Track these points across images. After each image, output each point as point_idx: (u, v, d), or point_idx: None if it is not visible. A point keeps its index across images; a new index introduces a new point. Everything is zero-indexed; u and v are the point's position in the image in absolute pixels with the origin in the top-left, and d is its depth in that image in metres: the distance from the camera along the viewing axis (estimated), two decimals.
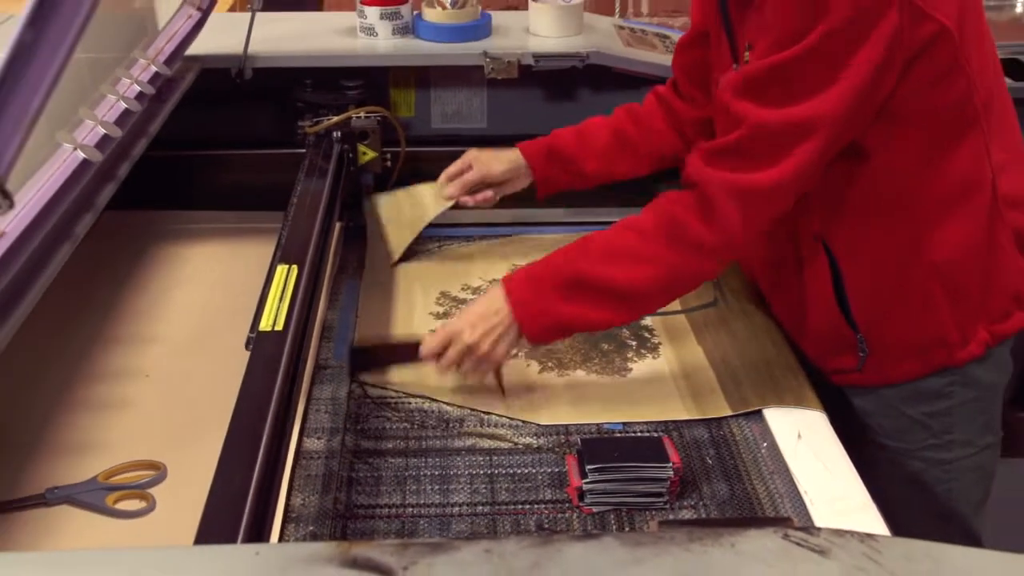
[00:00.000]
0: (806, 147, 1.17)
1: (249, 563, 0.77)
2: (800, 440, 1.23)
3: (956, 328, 1.33)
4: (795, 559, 0.79)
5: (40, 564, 0.81)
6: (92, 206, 1.31)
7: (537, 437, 1.25)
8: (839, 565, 0.79)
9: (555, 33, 1.80)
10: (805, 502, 1.13)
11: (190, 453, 1.18)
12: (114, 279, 1.61)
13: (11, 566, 0.81)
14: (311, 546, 0.79)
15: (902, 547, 0.83)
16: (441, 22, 1.78)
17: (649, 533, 0.81)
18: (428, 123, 1.85)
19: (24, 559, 0.86)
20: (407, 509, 1.13)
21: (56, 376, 1.36)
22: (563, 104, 1.84)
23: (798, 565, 0.78)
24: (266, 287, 1.27)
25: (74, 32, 0.72)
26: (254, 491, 0.94)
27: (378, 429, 1.26)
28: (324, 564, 0.75)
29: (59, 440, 1.24)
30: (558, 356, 1.41)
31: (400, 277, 1.62)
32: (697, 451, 1.23)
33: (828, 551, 0.80)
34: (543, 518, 1.12)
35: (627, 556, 0.77)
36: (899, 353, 1.35)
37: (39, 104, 0.73)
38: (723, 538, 0.80)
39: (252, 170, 1.79)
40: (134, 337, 1.46)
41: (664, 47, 1.83)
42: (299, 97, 1.76)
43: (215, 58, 1.74)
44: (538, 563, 0.75)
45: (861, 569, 0.78)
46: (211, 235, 1.74)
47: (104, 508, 1.13)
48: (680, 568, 0.76)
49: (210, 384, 1.28)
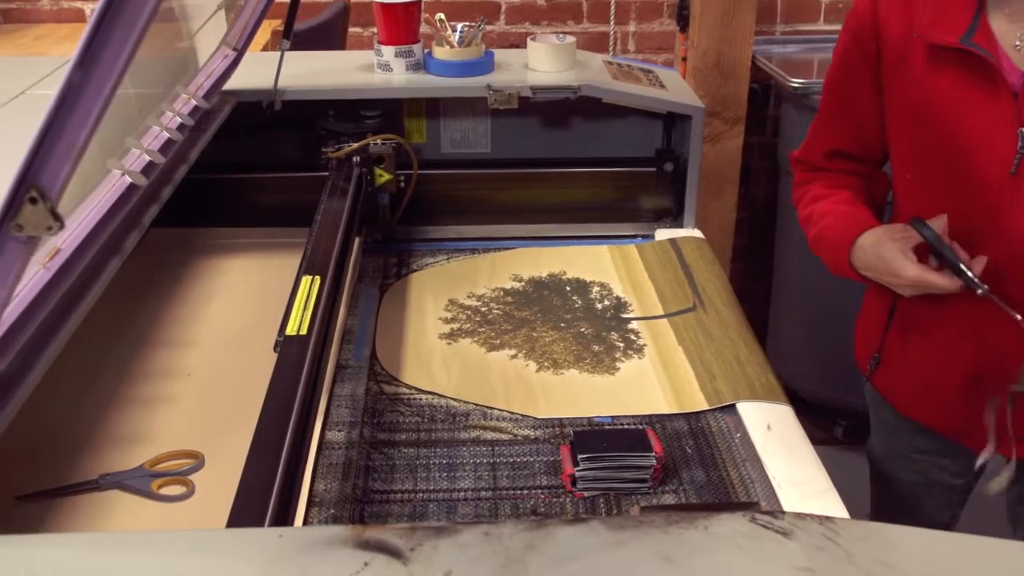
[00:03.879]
0: None
1: (273, 544, 0.76)
2: (769, 431, 1.23)
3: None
4: (761, 540, 0.79)
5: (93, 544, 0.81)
6: (138, 224, 1.31)
7: (534, 429, 1.25)
8: (801, 545, 0.78)
9: (551, 68, 1.80)
10: (773, 487, 1.13)
11: (225, 443, 1.18)
12: (158, 289, 1.61)
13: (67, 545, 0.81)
14: (328, 529, 0.79)
15: (858, 528, 0.82)
16: (449, 59, 1.78)
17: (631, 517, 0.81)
18: (438, 148, 1.85)
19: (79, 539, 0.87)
20: (418, 494, 1.13)
21: (107, 375, 1.37)
22: (558, 131, 1.84)
23: (764, 545, 0.78)
24: (292, 296, 1.27)
25: (116, 74, 0.72)
26: (280, 478, 0.94)
27: (392, 422, 1.26)
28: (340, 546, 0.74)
29: (110, 432, 1.25)
30: (553, 357, 1.41)
31: (413, 286, 1.62)
32: (677, 441, 1.23)
33: (791, 533, 0.79)
34: (539, 502, 1.12)
35: (611, 538, 0.77)
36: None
37: (86, 137, 0.73)
38: (697, 521, 0.79)
39: (281, 191, 1.80)
40: (176, 340, 1.47)
41: (648, 80, 1.83)
42: (323, 126, 1.76)
43: (249, 92, 1.74)
44: (532, 545, 0.75)
45: (820, 549, 0.78)
46: (244, 249, 1.74)
47: (149, 493, 1.13)
48: (658, 549, 0.76)
49: (243, 382, 1.28)
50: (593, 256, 1.72)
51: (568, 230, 1.82)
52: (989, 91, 1.17)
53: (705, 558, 0.76)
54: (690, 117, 1.75)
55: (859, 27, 1.30)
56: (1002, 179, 1.18)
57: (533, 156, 1.84)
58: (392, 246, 1.77)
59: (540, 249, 1.75)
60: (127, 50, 0.72)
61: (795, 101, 2.58)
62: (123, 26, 0.72)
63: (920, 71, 1.23)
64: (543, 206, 1.84)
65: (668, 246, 1.73)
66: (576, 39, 1.83)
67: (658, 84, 1.82)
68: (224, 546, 0.78)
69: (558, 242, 1.77)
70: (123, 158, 1.30)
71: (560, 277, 1.65)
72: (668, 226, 1.82)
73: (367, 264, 1.68)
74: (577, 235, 1.79)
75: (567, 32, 2.78)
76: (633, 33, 3.06)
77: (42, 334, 1.03)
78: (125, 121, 1.31)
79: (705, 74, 2.66)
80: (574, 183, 1.84)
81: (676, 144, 1.82)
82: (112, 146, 1.27)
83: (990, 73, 1.16)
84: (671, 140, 1.82)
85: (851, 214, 1.33)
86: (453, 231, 1.81)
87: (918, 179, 1.29)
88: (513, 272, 1.66)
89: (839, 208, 1.35)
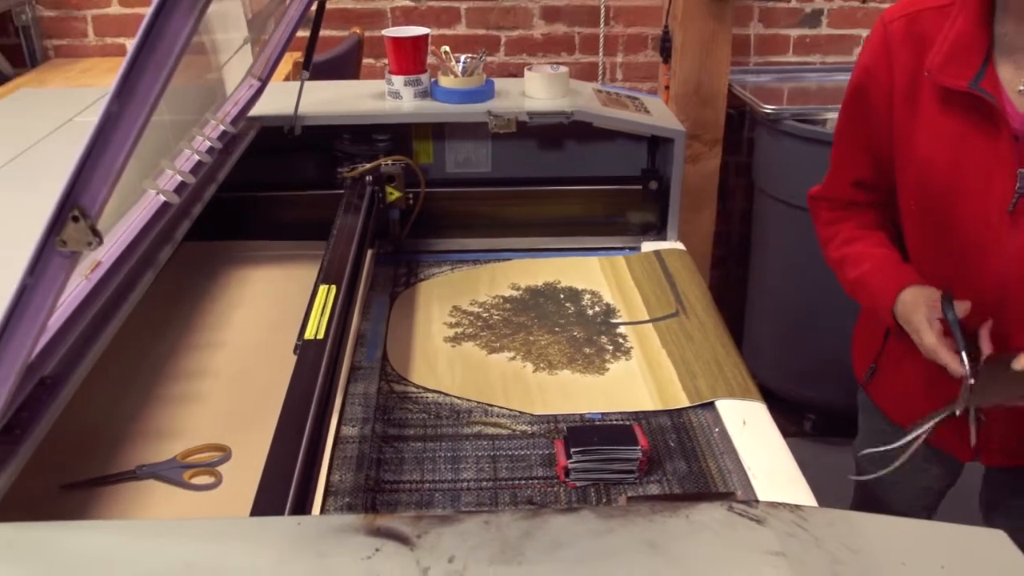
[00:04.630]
0: None
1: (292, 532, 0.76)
2: (745, 426, 1.22)
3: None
4: (737, 527, 0.78)
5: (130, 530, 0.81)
6: (171, 239, 1.31)
7: (531, 425, 1.25)
8: (774, 532, 0.78)
9: (546, 96, 1.80)
10: (749, 477, 1.12)
11: (250, 437, 1.18)
12: (189, 297, 1.60)
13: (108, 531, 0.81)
14: (343, 518, 0.78)
15: (824, 515, 0.82)
16: (453, 87, 1.78)
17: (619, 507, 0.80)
18: (443, 168, 1.84)
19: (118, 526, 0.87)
20: (425, 484, 1.13)
21: (144, 375, 1.36)
22: (553, 152, 1.84)
23: (740, 532, 0.78)
24: (310, 303, 1.26)
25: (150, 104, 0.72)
26: (300, 469, 0.94)
27: (402, 419, 1.26)
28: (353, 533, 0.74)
29: (146, 426, 1.24)
30: (548, 358, 1.41)
31: (420, 294, 1.62)
32: (661, 436, 1.23)
33: (764, 520, 0.79)
34: (535, 492, 1.12)
35: (601, 526, 0.76)
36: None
37: (123, 161, 0.73)
38: (679, 510, 0.79)
39: (300, 208, 1.79)
40: (205, 344, 1.46)
41: (634, 107, 1.83)
42: (339, 148, 1.76)
43: (272, 118, 1.74)
44: (528, 532, 0.75)
45: (791, 535, 0.78)
46: (266, 261, 1.74)
47: (181, 482, 1.13)
48: (643, 536, 0.75)
49: (266, 382, 1.28)
50: (584, 266, 1.72)
51: (562, 243, 1.81)
52: (992, 133, 1.16)
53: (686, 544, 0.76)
54: (672, 140, 1.75)
55: (873, 64, 1.27)
56: (1000, 216, 1.18)
57: (530, 175, 1.84)
58: (401, 257, 1.76)
59: (536, 260, 1.75)
60: (160, 83, 0.72)
61: (767, 125, 2.59)
62: (156, 62, 0.72)
63: (928, 109, 1.21)
64: (539, 221, 1.83)
65: (653, 257, 1.73)
66: (569, 69, 1.83)
67: (643, 110, 1.82)
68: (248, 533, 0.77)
69: (552, 254, 1.76)
70: (158, 178, 1.30)
71: (555, 286, 1.65)
72: (653, 239, 1.82)
73: (379, 274, 1.68)
74: (570, 247, 1.79)
75: (560, 63, 2.79)
76: (620, 64, 3.07)
77: (84, 339, 1.03)
78: (160, 145, 1.31)
79: (686, 101, 2.66)
80: (567, 200, 1.83)
81: (660, 164, 1.82)
82: (148, 167, 1.27)
83: (994, 116, 1.15)
84: (655, 161, 1.82)
85: (893, 265, 1.31)
86: (457, 244, 1.81)
87: (921, 209, 1.28)
88: (512, 281, 1.65)
89: (877, 253, 1.33)
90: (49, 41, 2.96)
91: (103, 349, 1.05)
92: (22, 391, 0.91)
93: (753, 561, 0.75)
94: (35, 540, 0.77)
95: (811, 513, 0.82)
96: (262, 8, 1.54)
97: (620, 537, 0.75)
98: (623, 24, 3.01)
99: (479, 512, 0.79)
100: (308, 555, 0.74)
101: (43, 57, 2.94)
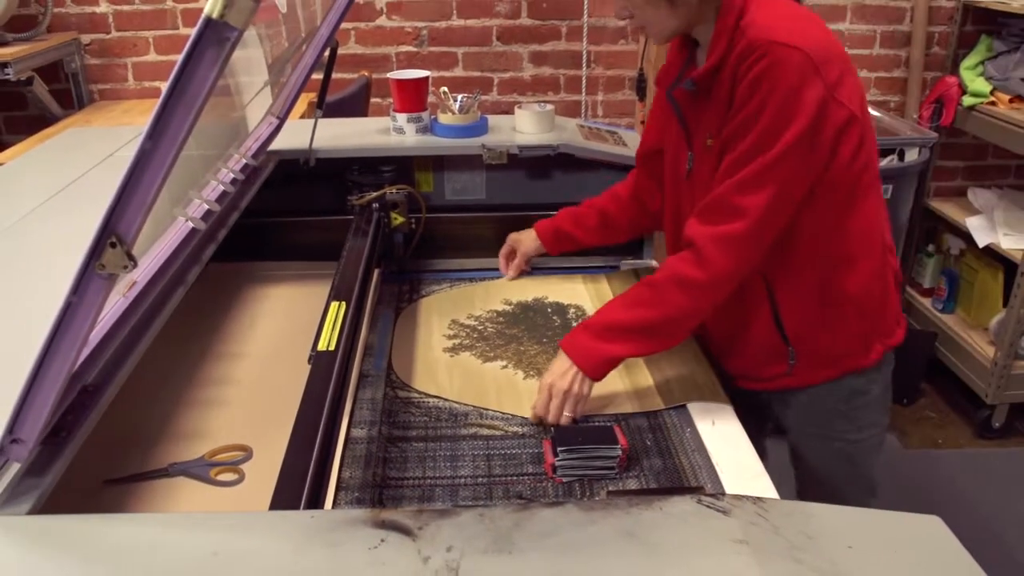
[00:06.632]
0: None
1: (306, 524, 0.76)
2: (714, 426, 1.23)
3: (861, 342, 1.33)
4: (706, 517, 0.79)
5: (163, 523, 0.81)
6: (199, 260, 1.31)
7: (522, 426, 1.25)
8: (738, 522, 0.78)
9: (534, 131, 1.81)
10: (717, 472, 1.12)
11: (269, 438, 1.18)
12: (215, 312, 1.60)
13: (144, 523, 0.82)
14: (351, 512, 0.79)
15: (784, 507, 0.83)
16: (451, 123, 1.79)
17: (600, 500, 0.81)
18: (443, 196, 1.85)
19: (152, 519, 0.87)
20: (426, 480, 1.13)
21: (175, 382, 1.36)
22: (541, 181, 1.85)
23: (708, 522, 0.78)
24: (323, 317, 1.26)
25: (179, 143, 0.73)
26: (313, 467, 0.94)
27: (405, 421, 1.26)
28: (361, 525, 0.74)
29: (177, 428, 1.24)
30: (538, 367, 1.41)
31: (422, 309, 1.62)
32: (639, 435, 1.23)
33: (730, 511, 0.80)
34: (526, 487, 1.12)
35: (583, 518, 0.77)
36: (819, 361, 1.34)
37: (155, 194, 0.73)
38: (654, 503, 0.80)
39: (314, 232, 1.79)
40: (229, 354, 1.46)
41: (613, 140, 1.84)
42: (349, 178, 1.76)
43: (289, 152, 1.75)
44: (518, 524, 0.75)
45: (754, 524, 0.78)
46: (284, 280, 1.74)
47: (208, 479, 1.13)
48: (621, 526, 0.76)
49: (283, 388, 1.28)
50: (569, 284, 1.73)
51: (549, 262, 1.81)
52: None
53: (660, 533, 0.76)
54: None
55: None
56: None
57: (520, 202, 1.85)
58: (405, 276, 1.76)
59: (526, 279, 1.75)
60: (188, 123, 0.73)
61: None
62: (185, 104, 0.73)
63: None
64: None
65: (631, 275, 1.74)
66: (554, 107, 1.85)
67: (621, 143, 1.83)
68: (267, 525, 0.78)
69: (540, 272, 1.77)
70: (187, 207, 1.30)
71: (543, 301, 1.65)
72: (631, 259, 1.83)
73: (384, 291, 1.68)
74: (556, 266, 1.79)
75: (547, 101, 2.80)
76: (601, 102, 3.08)
77: (122, 351, 1.03)
78: (189, 177, 1.32)
79: None
80: None
81: None
82: (178, 197, 1.27)
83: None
84: None
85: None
86: (455, 264, 1.81)
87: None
88: (504, 297, 1.66)
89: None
90: (95, 85, 2.98)
91: (138, 359, 1.06)
92: (67, 398, 0.91)
93: (720, 548, 0.75)
94: (81, 531, 0.78)
95: (772, 505, 0.82)
96: (281, 54, 1.55)
97: (601, 527, 0.76)
98: (603, 67, 3.03)
99: (474, 506, 0.79)
100: (320, 545, 0.74)
101: (89, 100, 2.97)
